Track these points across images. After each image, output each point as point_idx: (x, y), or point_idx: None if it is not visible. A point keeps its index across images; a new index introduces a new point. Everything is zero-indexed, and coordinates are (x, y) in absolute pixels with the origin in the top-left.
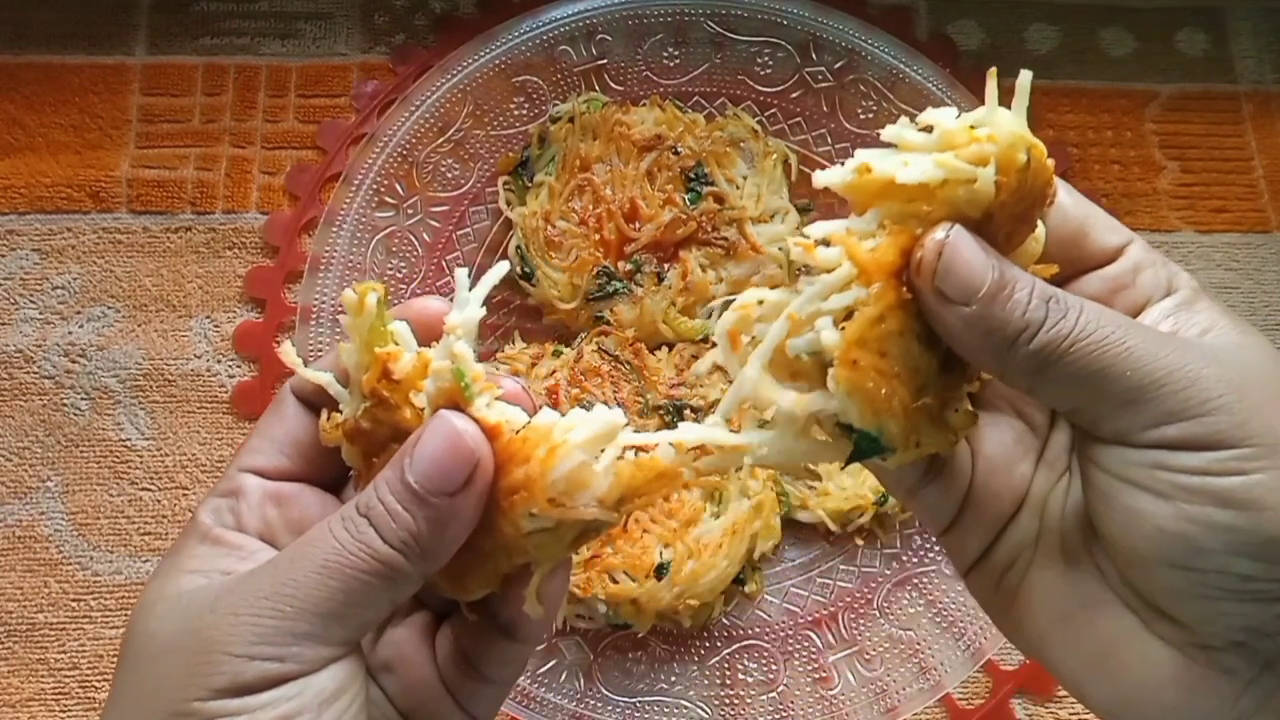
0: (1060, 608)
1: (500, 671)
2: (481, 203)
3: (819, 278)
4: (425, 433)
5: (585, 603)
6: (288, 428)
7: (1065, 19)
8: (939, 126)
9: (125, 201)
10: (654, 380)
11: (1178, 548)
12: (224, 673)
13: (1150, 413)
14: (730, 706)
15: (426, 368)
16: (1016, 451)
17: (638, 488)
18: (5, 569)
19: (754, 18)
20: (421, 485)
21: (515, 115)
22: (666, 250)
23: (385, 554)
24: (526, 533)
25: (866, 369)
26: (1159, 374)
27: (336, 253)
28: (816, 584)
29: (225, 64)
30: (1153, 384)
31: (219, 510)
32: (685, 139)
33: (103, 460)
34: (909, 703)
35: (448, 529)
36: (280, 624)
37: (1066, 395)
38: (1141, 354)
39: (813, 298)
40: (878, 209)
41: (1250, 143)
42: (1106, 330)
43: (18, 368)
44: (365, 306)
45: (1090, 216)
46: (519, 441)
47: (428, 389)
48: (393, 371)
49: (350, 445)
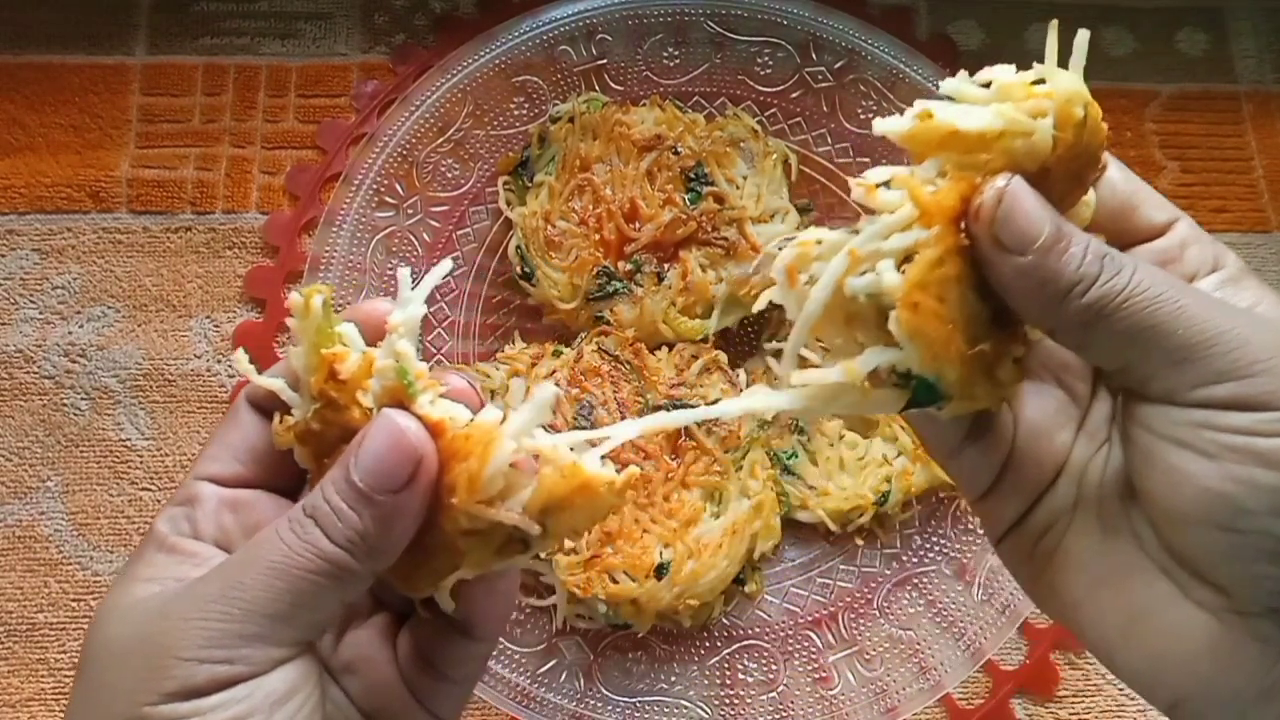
0: (1095, 574)
1: (459, 670)
2: (481, 203)
3: (879, 218)
4: (369, 432)
5: (585, 603)
6: (243, 434)
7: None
8: (998, 81)
9: (125, 201)
10: (654, 380)
11: (1221, 508)
12: (174, 677)
13: (1199, 371)
14: (730, 706)
15: (371, 367)
16: (1058, 419)
17: (560, 498)
18: (5, 569)
19: (754, 18)
20: (366, 484)
21: (515, 115)
22: (666, 250)
23: (332, 553)
24: (462, 531)
25: (927, 312)
26: (1210, 334)
27: (336, 253)
28: (816, 584)
29: (225, 64)
30: (1203, 343)
31: (175, 519)
32: (685, 139)
33: (103, 460)
34: (909, 703)
35: (394, 527)
36: (229, 626)
37: (1116, 351)
38: (1194, 313)
39: (873, 236)
40: (937, 158)
41: (1250, 143)
42: (1160, 289)
43: (18, 368)
44: (311, 309)
45: (1139, 192)
46: (462, 439)
47: (373, 388)
48: (339, 372)
49: (302, 447)
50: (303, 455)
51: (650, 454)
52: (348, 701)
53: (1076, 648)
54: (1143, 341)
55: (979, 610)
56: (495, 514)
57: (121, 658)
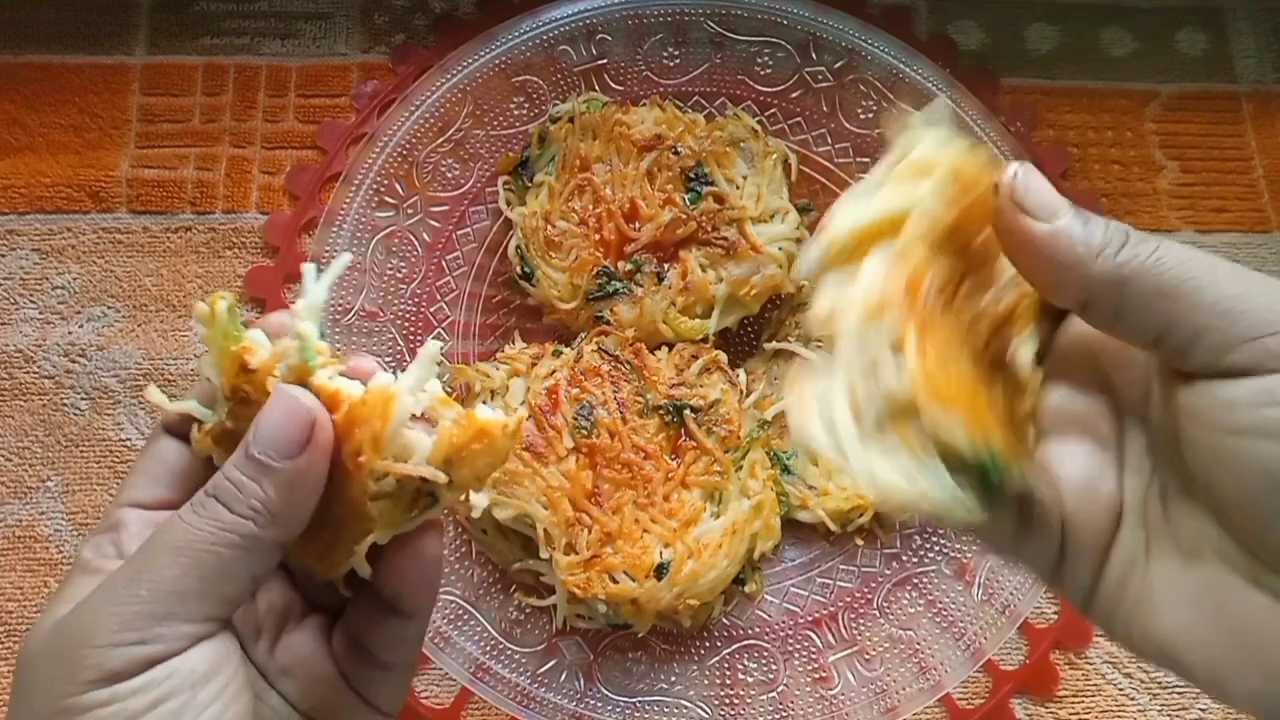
0: (1187, 608)
1: (395, 654)
2: (481, 202)
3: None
4: (264, 409)
5: (585, 603)
6: (162, 459)
7: (1065, 19)
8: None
9: (125, 201)
10: (654, 380)
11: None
12: (91, 665)
13: (1248, 321)
14: (730, 706)
15: (278, 354)
16: (1095, 468)
17: (459, 446)
18: (5, 569)
19: (754, 17)
20: (264, 454)
21: (515, 115)
22: (666, 250)
23: (233, 523)
24: (371, 496)
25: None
26: (1248, 282)
27: (336, 253)
28: (816, 584)
29: (225, 64)
30: (1244, 293)
31: (100, 545)
32: (685, 139)
33: (103, 460)
34: (909, 702)
35: (295, 490)
36: (140, 608)
37: (1155, 310)
38: (1228, 268)
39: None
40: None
41: (1250, 143)
42: (1189, 252)
43: (18, 368)
44: (216, 314)
45: None
46: (359, 405)
47: (279, 372)
48: (249, 363)
49: (219, 448)
50: (220, 457)
51: (650, 454)
52: (286, 705)
53: (1077, 648)
54: (1184, 294)
55: (979, 610)
56: (404, 468)
57: (40, 661)
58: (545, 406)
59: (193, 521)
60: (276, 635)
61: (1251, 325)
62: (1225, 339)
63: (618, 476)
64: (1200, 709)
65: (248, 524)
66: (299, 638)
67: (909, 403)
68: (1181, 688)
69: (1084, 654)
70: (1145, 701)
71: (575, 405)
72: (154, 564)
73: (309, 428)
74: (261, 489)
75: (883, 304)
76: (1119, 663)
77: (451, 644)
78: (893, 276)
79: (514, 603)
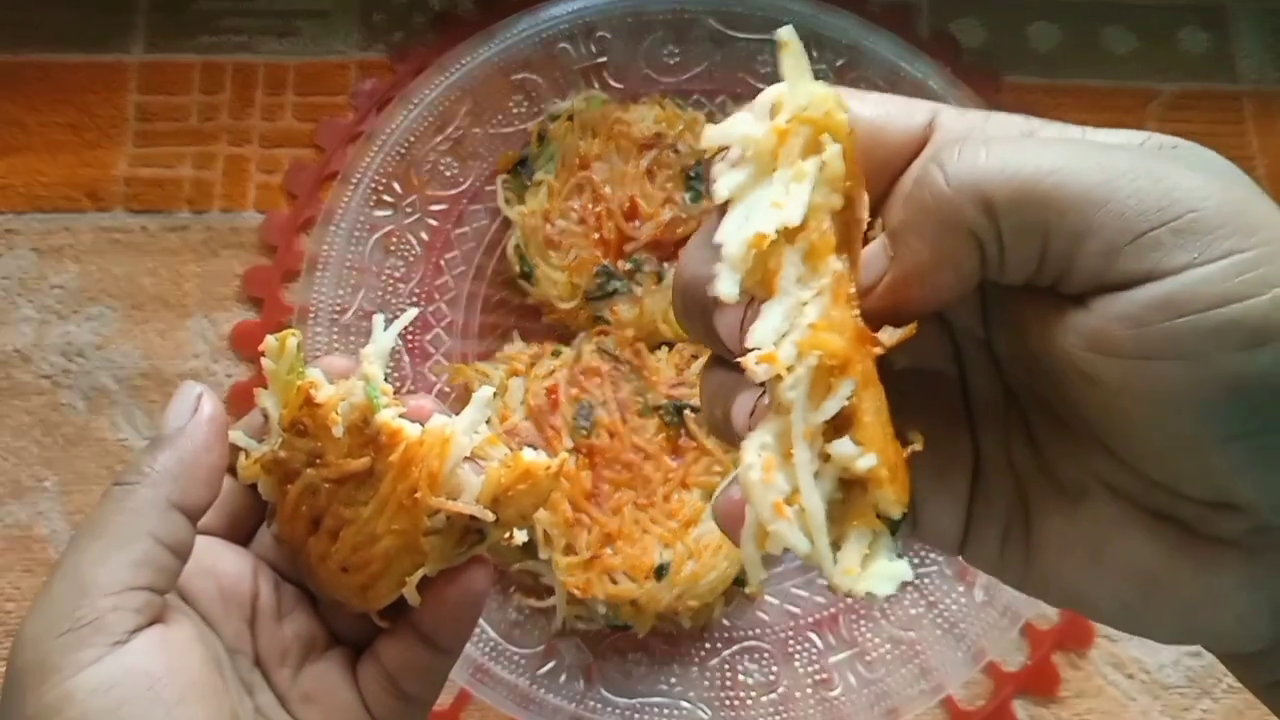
0: (1084, 549)
1: (422, 687)
2: (480, 201)
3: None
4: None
5: (585, 604)
6: None
7: (1067, 17)
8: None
9: (123, 200)
10: (654, 380)
11: (1225, 416)
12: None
13: (1128, 213)
14: (731, 708)
15: (344, 394)
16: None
17: (506, 487)
18: (3, 569)
19: (755, 15)
20: (162, 430)
21: (514, 113)
22: (667, 249)
23: (123, 490)
24: (424, 532)
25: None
26: (1121, 167)
27: (334, 252)
28: (817, 585)
29: (223, 62)
30: (1117, 174)
31: None
32: (685, 137)
33: (100, 460)
34: (910, 704)
35: (184, 450)
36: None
37: (1029, 223)
38: (1088, 151)
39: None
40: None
41: (1252, 142)
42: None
43: (15, 367)
44: (286, 349)
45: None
46: (416, 444)
47: (343, 409)
48: (314, 397)
49: (267, 476)
50: (267, 484)
51: (650, 454)
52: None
53: (1078, 649)
54: (1048, 193)
55: (980, 611)
56: (456, 506)
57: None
58: (544, 406)
59: (103, 505)
60: (300, 664)
61: (1138, 219)
62: (1108, 242)
63: (617, 477)
64: (1202, 709)
65: (137, 486)
66: (323, 667)
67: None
68: (1183, 688)
69: (1086, 655)
70: (1147, 703)
71: (574, 405)
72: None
73: (196, 398)
74: (152, 455)
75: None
76: (1121, 664)
77: None
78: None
79: (513, 604)
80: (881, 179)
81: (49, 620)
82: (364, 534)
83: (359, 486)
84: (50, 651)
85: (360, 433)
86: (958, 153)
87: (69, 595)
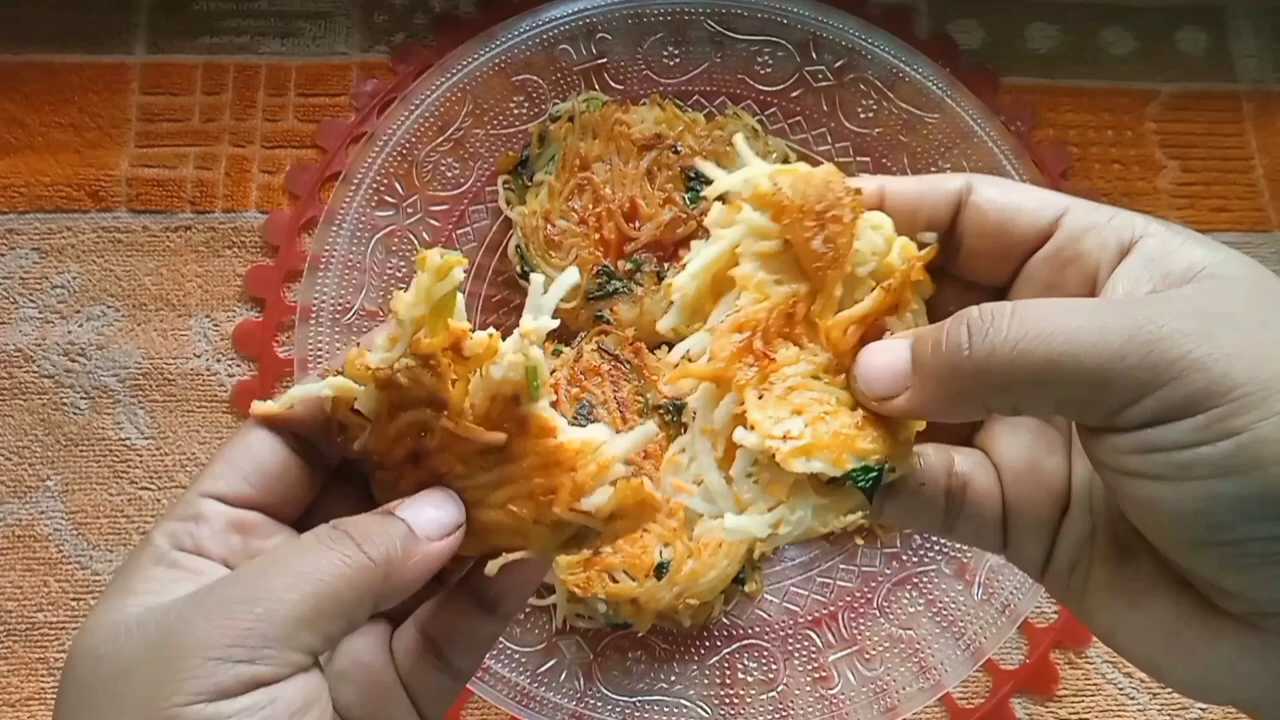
0: (1123, 598)
1: (467, 656)
2: (481, 202)
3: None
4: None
5: (585, 602)
6: (254, 455)
7: (1066, 18)
8: None
9: (125, 200)
10: (654, 380)
11: (1197, 527)
12: (198, 676)
13: (1120, 390)
14: (730, 706)
15: (494, 353)
16: (1039, 449)
17: (626, 507)
18: (5, 568)
19: (754, 16)
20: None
21: (515, 114)
22: (666, 249)
23: (362, 564)
24: (535, 520)
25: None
26: (1115, 346)
27: (336, 252)
28: (816, 583)
29: (225, 63)
30: (1112, 359)
31: (177, 534)
32: (685, 138)
33: (102, 459)
34: (909, 702)
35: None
36: (253, 626)
37: (1040, 398)
38: (1090, 331)
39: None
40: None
41: (1250, 142)
42: (1045, 322)
43: (17, 367)
44: (450, 275)
45: (1011, 202)
46: (570, 450)
47: (492, 374)
48: (464, 348)
49: (377, 390)
50: (372, 397)
51: (650, 454)
52: (334, 714)
53: (1076, 647)
54: (1055, 378)
55: (979, 610)
56: (584, 519)
57: (132, 667)
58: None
59: (320, 553)
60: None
61: (1124, 395)
62: (1108, 410)
63: None
64: (1200, 709)
65: (377, 569)
66: (360, 642)
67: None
68: None
69: (1084, 654)
70: (1145, 701)
71: (575, 404)
72: (273, 585)
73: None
74: (398, 545)
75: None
76: (1119, 662)
77: None
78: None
79: None
80: (1011, 261)
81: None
82: (475, 497)
83: (484, 454)
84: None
85: (502, 404)
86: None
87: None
